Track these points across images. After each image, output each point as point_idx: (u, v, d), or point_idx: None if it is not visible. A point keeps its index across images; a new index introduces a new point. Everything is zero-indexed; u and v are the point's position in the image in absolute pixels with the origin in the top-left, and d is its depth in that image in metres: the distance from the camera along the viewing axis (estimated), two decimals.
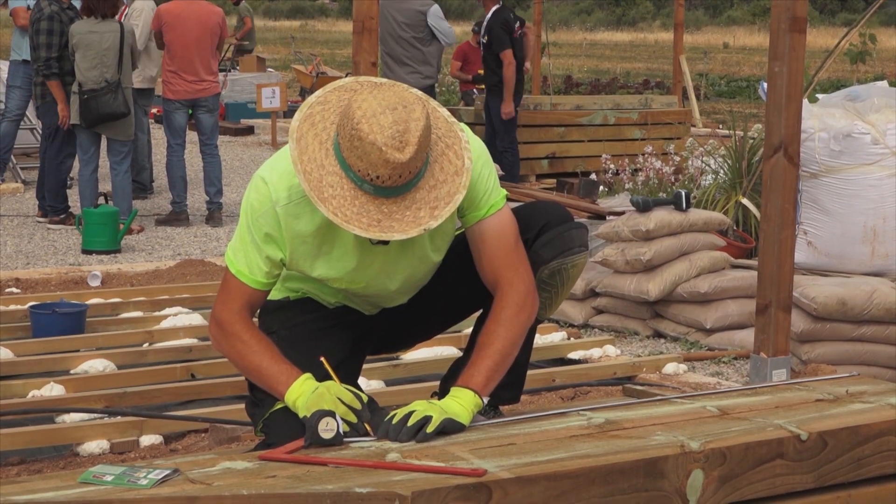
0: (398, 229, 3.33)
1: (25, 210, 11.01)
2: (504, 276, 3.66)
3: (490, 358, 3.57)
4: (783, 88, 5.17)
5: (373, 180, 3.29)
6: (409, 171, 3.30)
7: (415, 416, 3.34)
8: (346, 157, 3.32)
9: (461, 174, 3.43)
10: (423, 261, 3.76)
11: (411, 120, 3.30)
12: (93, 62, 9.59)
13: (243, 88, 20.35)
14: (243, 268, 3.64)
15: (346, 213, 3.32)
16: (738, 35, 61.78)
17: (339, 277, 3.69)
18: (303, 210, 3.55)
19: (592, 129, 13.40)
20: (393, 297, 3.86)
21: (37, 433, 4.69)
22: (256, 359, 3.60)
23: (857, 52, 9.16)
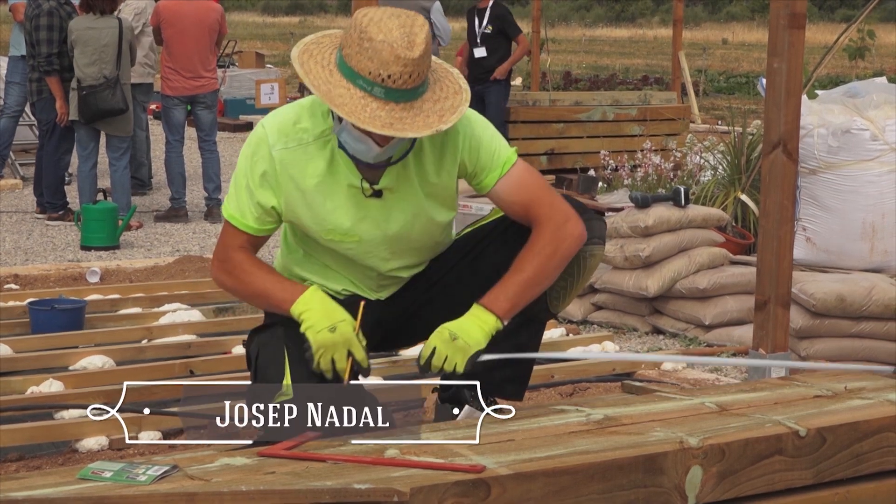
0: (410, 130, 3.40)
1: (24, 206, 11.01)
2: (538, 213, 3.74)
3: (518, 284, 3.66)
4: (782, 84, 5.16)
5: (384, 80, 3.38)
6: (417, 74, 3.40)
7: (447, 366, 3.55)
8: (355, 65, 3.41)
9: (460, 93, 3.55)
10: (417, 216, 3.76)
11: (416, 25, 3.44)
12: (91, 58, 9.59)
13: (242, 84, 20.34)
14: (235, 212, 3.74)
15: (359, 116, 3.39)
16: (736, 31, 61.78)
17: (331, 228, 3.71)
18: (298, 158, 3.64)
19: (591, 126, 13.39)
20: (388, 260, 3.85)
21: (36, 429, 4.69)
22: (260, 282, 3.70)
23: (856, 48, 9.17)
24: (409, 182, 3.71)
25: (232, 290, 3.83)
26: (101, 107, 9.63)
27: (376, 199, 3.69)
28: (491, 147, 3.75)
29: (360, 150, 3.54)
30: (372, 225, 3.74)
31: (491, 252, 3.93)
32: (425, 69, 3.43)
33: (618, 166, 9.99)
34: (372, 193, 3.67)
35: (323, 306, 3.60)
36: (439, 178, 3.75)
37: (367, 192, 3.67)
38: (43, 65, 9.82)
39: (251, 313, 6.77)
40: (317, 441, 3.25)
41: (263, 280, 3.70)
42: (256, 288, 3.71)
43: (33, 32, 9.84)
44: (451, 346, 3.56)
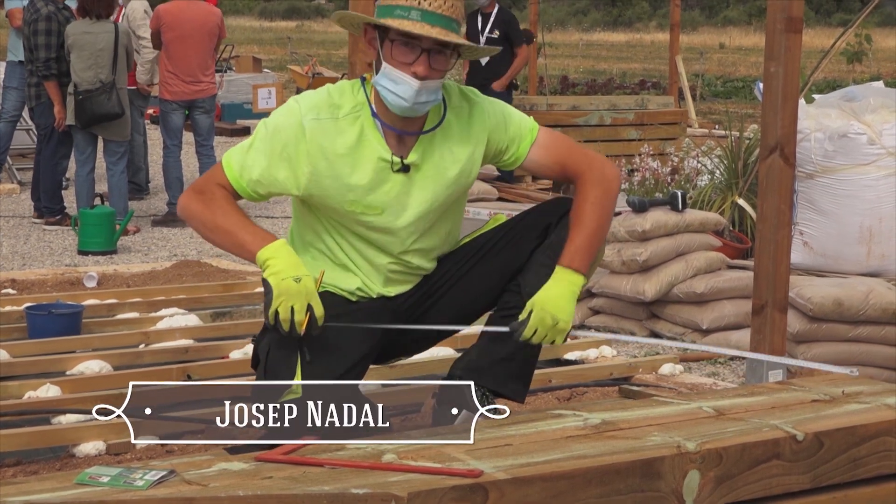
0: (445, 37, 3.62)
1: (21, 211, 11.01)
2: (576, 167, 3.93)
3: (587, 237, 3.82)
4: (779, 89, 5.17)
5: (420, 3, 3.62)
6: (451, 4, 3.65)
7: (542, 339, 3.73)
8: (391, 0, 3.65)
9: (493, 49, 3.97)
10: (438, 195, 3.85)
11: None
12: (87, 63, 9.60)
13: (239, 89, 20.35)
14: (235, 166, 3.78)
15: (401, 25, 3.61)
16: (733, 35, 61.80)
17: (355, 199, 3.77)
18: (328, 129, 3.72)
19: (589, 130, 13.41)
20: (405, 239, 3.88)
21: (33, 434, 4.68)
22: (232, 219, 3.73)
23: (854, 52, 9.17)
24: (435, 160, 3.82)
25: (198, 220, 3.80)
26: (97, 111, 9.64)
27: (403, 174, 3.78)
28: (515, 118, 3.95)
29: (398, 91, 3.65)
30: (395, 199, 3.80)
31: (497, 255, 3.98)
32: (458, 6, 3.67)
33: None
34: (400, 168, 3.77)
35: (290, 258, 3.63)
36: (465, 157, 3.86)
37: (396, 167, 3.76)
38: (41, 69, 9.82)
39: (249, 318, 6.77)
40: (314, 445, 3.25)
41: (236, 218, 3.72)
42: (226, 222, 3.72)
43: (31, 37, 9.85)
44: (553, 330, 3.72)
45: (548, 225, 3.92)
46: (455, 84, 3.94)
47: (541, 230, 3.93)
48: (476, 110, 3.87)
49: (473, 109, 3.87)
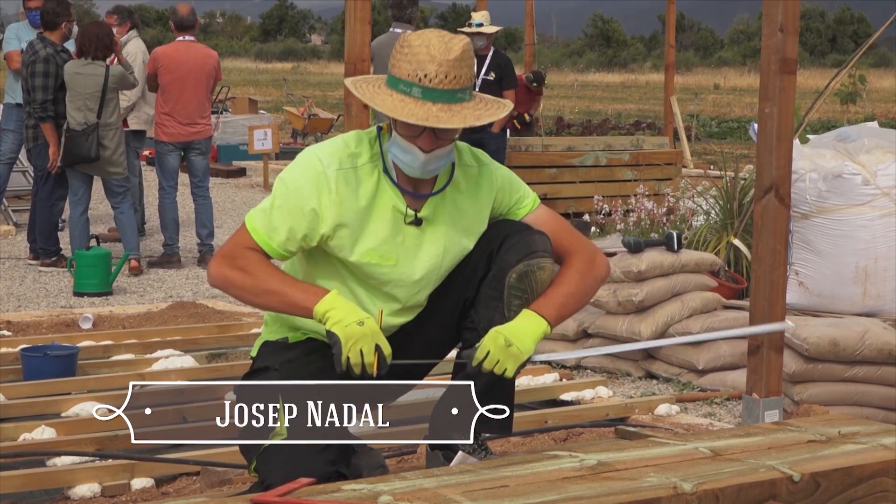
0: (443, 121, 3.58)
1: (17, 252, 11.01)
2: (571, 244, 4.00)
3: (562, 295, 3.87)
4: (774, 129, 5.19)
5: (420, 80, 3.59)
6: (454, 76, 3.61)
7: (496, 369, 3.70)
8: (397, 72, 3.64)
9: (502, 109, 3.78)
10: (448, 250, 3.89)
11: (455, 38, 3.68)
12: (77, 104, 9.67)
13: (235, 130, 20.40)
14: (261, 227, 3.77)
15: (396, 111, 3.61)
16: (728, 76, 62.08)
17: (370, 249, 3.79)
18: (350, 179, 3.75)
19: (584, 171, 13.42)
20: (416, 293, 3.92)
21: (28, 476, 4.67)
22: (276, 280, 3.72)
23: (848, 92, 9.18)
24: (446, 216, 3.87)
25: (238, 287, 3.75)
26: (75, 152, 9.68)
27: (415, 227, 3.82)
28: (520, 187, 4.03)
29: (406, 161, 3.69)
30: (408, 252, 3.84)
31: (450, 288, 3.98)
32: (464, 75, 3.63)
33: (611, 211, 10.01)
34: (413, 220, 3.81)
35: (347, 305, 3.67)
36: (474, 213, 3.91)
37: (409, 219, 3.81)
38: (38, 111, 9.84)
39: (244, 359, 6.76)
40: (309, 487, 3.24)
41: (280, 279, 3.73)
42: (271, 285, 3.71)
43: (29, 79, 9.88)
44: (505, 352, 3.70)
45: (490, 252, 3.92)
46: (465, 144, 3.99)
47: (499, 241, 3.93)
48: (485, 171, 3.94)
49: (482, 171, 3.94)
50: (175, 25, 10.62)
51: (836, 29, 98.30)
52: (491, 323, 3.86)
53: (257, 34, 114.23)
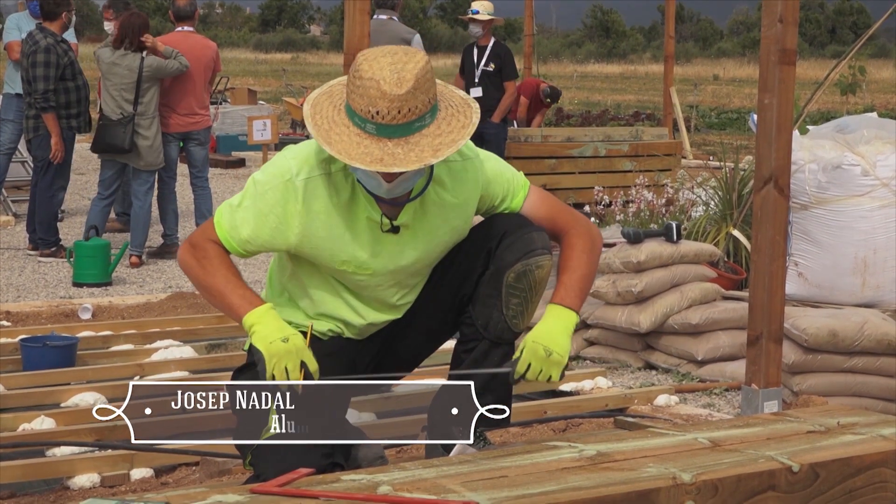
0: (400, 164, 3.43)
1: (16, 243, 11.00)
2: (566, 222, 3.97)
3: (578, 279, 3.87)
4: (773, 120, 5.18)
5: (373, 117, 3.44)
6: (408, 108, 3.43)
7: (541, 377, 3.73)
8: (351, 103, 3.49)
9: (466, 127, 3.56)
10: (429, 252, 3.85)
11: (410, 62, 3.47)
12: (113, 93, 9.73)
13: (234, 121, 20.38)
14: (226, 223, 3.77)
15: (350, 153, 3.45)
16: (727, 67, 62.04)
17: (346, 259, 3.75)
18: (321, 186, 3.68)
19: (583, 161, 13.42)
20: (395, 294, 3.90)
21: (27, 466, 4.67)
22: (222, 280, 3.73)
23: (847, 83, 9.19)
24: (427, 218, 3.78)
25: (192, 277, 3.83)
26: (108, 141, 9.76)
27: (392, 234, 3.76)
28: (507, 174, 3.94)
29: (372, 185, 3.60)
30: (386, 259, 3.79)
31: (446, 284, 3.96)
32: (420, 104, 3.45)
33: (610, 202, 10.01)
34: (389, 229, 3.74)
35: (275, 322, 3.64)
36: (458, 210, 3.83)
37: (385, 227, 3.74)
38: (39, 101, 9.84)
39: (243, 350, 6.76)
40: (309, 478, 3.25)
41: (226, 280, 3.73)
42: (216, 284, 3.74)
43: (30, 69, 9.87)
44: (547, 362, 3.72)
45: (489, 249, 3.90)
46: None
47: (497, 239, 3.90)
48: (469, 166, 3.82)
49: (467, 165, 3.82)
50: (174, 15, 10.60)
51: (836, 20, 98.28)
52: (489, 320, 3.87)
53: (256, 25, 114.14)
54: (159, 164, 10.04)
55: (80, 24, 20.70)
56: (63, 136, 9.94)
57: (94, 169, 13.93)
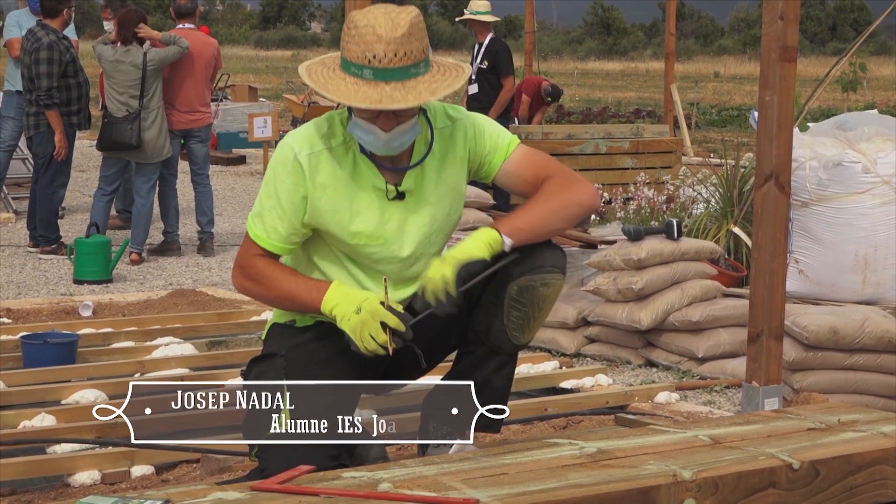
0: (399, 102, 3.53)
1: (17, 240, 11.00)
2: (548, 175, 3.89)
3: (524, 210, 3.80)
4: (774, 117, 5.18)
5: (370, 61, 3.54)
6: (404, 52, 3.55)
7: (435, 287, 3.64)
8: (347, 54, 3.59)
9: (460, 77, 3.68)
10: (435, 217, 3.87)
11: (403, 11, 3.60)
12: (117, 90, 9.75)
13: (235, 118, 20.38)
14: (261, 233, 3.83)
15: (349, 96, 3.56)
16: (728, 64, 62.03)
17: (357, 231, 3.79)
18: (323, 161, 3.75)
19: (584, 158, 13.41)
20: (410, 265, 3.90)
21: (28, 464, 4.67)
22: (286, 284, 3.80)
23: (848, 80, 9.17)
24: (428, 184, 3.84)
25: (256, 296, 3.92)
26: (115, 138, 9.78)
27: (399, 200, 3.81)
28: (494, 131, 3.94)
29: (370, 141, 3.67)
30: (396, 227, 3.83)
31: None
32: (414, 49, 3.57)
33: (611, 199, 10.01)
34: (395, 196, 3.80)
35: (346, 296, 3.70)
36: (455, 173, 3.89)
37: (391, 195, 3.79)
38: (43, 98, 9.84)
39: (244, 347, 6.77)
40: (310, 475, 3.25)
41: (288, 282, 3.80)
42: (283, 291, 3.81)
43: (32, 66, 9.87)
44: (437, 265, 3.69)
45: None
46: (440, 104, 3.94)
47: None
48: (458, 127, 3.90)
49: (455, 127, 3.90)
50: (175, 12, 10.60)
51: (837, 17, 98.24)
52: (490, 328, 3.86)
53: (257, 22, 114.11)
54: (165, 155, 10.04)
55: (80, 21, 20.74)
56: (66, 132, 9.96)
57: (95, 166, 13.93)
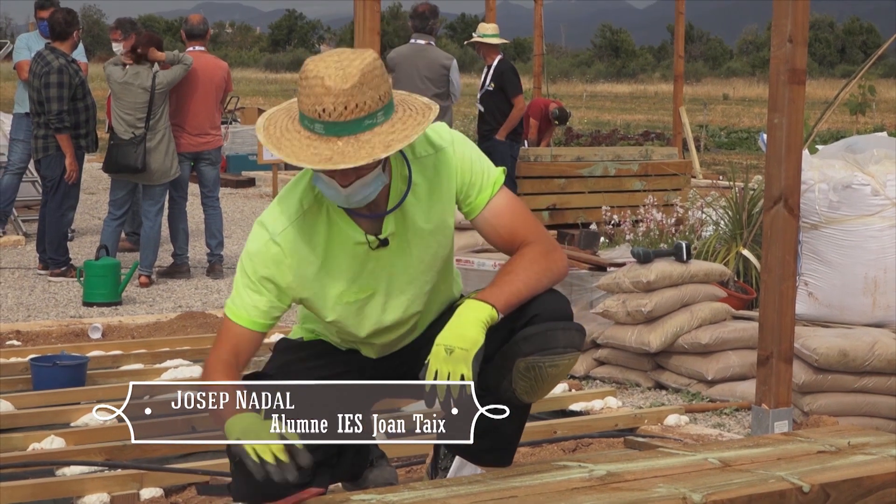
0: (349, 159, 3.32)
1: (26, 262, 11.02)
2: (525, 237, 3.72)
3: (509, 284, 3.61)
4: (783, 140, 5.18)
5: (320, 115, 3.34)
6: (354, 104, 3.33)
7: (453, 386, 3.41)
8: (300, 107, 3.40)
9: (423, 124, 3.44)
10: (423, 255, 3.73)
11: (357, 59, 3.38)
12: (124, 112, 9.79)
13: (244, 140, 20.42)
14: (239, 309, 3.67)
15: (299, 155, 3.36)
16: (737, 86, 62.09)
17: (345, 290, 3.67)
18: (300, 232, 3.60)
19: (593, 181, 13.41)
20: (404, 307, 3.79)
21: (37, 486, 4.67)
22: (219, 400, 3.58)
23: (857, 103, 9.20)
24: (411, 222, 3.68)
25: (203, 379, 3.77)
26: (121, 161, 9.81)
27: (384, 248, 3.66)
28: (481, 165, 3.75)
29: (331, 195, 3.50)
30: (384, 275, 3.71)
31: None
32: (368, 100, 3.36)
33: (620, 221, 10.00)
34: (378, 244, 3.65)
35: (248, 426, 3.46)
36: (439, 211, 3.72)
37: (374, 245, 3.64)
38: (54, 122, 9.86)
39: (253, 369, 6.75)
40: (319, 497, 3.24)
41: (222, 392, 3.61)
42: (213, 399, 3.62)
43: (42, 90, 9.89)
44: (450, 361, 3.46)
45: (513, 329, 3.70)
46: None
47: (525, 321, 3.71)
48: (441, 157, 3.71)
49: (438, 157, 3.70)
50: (186, 35, 10.63)
51: (846, 39, 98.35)
52: (499, 387, 3.70)
53: (266, 45, 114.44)
54: (171, 177, 10.05)
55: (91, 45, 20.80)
56: (77, 155, 9.99)
57: (104, 188, 13.96)
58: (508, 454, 3.99)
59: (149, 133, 9.80)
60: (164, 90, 9.87)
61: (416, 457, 4.99)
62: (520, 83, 12.69)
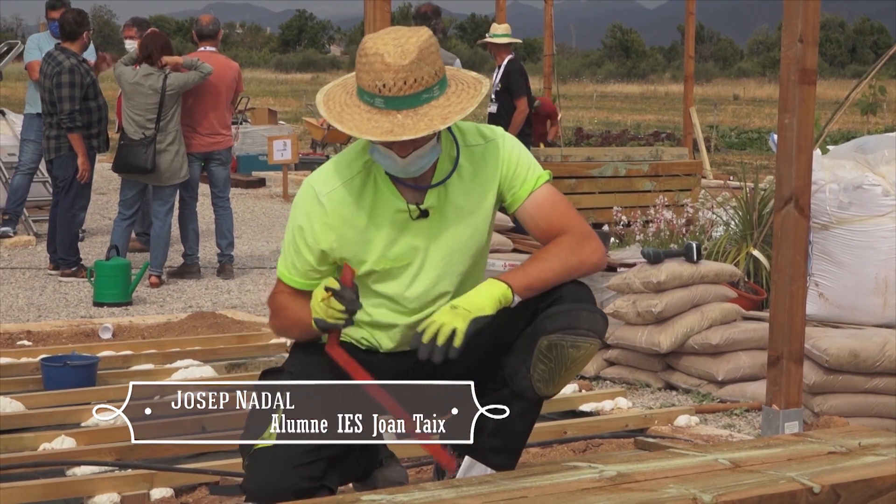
0: (410, 131, 3.51)
1: (37, 263, 11.04)
2: (564, 225, 3.85)
3: (534, 268, 3.76)
4: (793, 140, 5.18)
5: (380, 90, 3.53)
6: (413, 79, 3.53)
7: (442, 333, 3.57)
8: (359, 81, 3.59)
9: (476, 97, 3.64)
10: (459, 234, 3.84)
11: (413, 36, 3.58)
12: (134, 113, 9.80)
13: (255, 141, 20.43)
14: (283, 269, 3.90)
15: (360, 128, 3.55)
16: (748, 87, 62.02)
17: (382, 256, 3.80)
18: (346, 196, 3.77)
19: (603, 181, 13.40)
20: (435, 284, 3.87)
21: (48, 486, 4.68)
22: (291, 312, 3.87)
23: (868, 103, 9.19)
24: (453, 202, 3.82)
25: (278, 331, 4.11)
26: (130, 162, 9.83)
27: (424, 219, 3.79)
28: (528, 161, 3.90)
29: (388, 165, 3.67)
30: (420, 246, 3.82)
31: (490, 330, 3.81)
32: (425, 75, 3.55)
33: (630, 222, 9.99)
34: (419, 214, 3.78)
35: None
36: (480, 197, 3.85)
37: (415, 214, 3.78)
38: (65, 122, 9.88)
39: (264, 369, 6.76)
40: (328, 498, 3.25)
41: (294, 309, 3.86)
42: (290, 319, 3.88)
43: (54, 90, 9.90)
44: (449, 314, 3.63)
45: (536, 310, 3.81)
46: (472, 124, 3.92)
47: (549, 301, 3.81)
48: (490, 147, 3.87)
49: (488, 147, 3.87)
50: (197, 35, 10.65)
51: (856, 39, 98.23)
52: (516, 374, 3.82)
53: (277, 45, 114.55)
54: (181, 178, 10.06)
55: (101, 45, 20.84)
56: (89, 155, 10.01)
57: (115, 189, 13.97)
58: (514, 456, 4.01)
59: (159, 134, 9.81)
60: (175, 93, 9.88)
61: (425, 457, 4.99)
62: (525, 84, 12.62)
